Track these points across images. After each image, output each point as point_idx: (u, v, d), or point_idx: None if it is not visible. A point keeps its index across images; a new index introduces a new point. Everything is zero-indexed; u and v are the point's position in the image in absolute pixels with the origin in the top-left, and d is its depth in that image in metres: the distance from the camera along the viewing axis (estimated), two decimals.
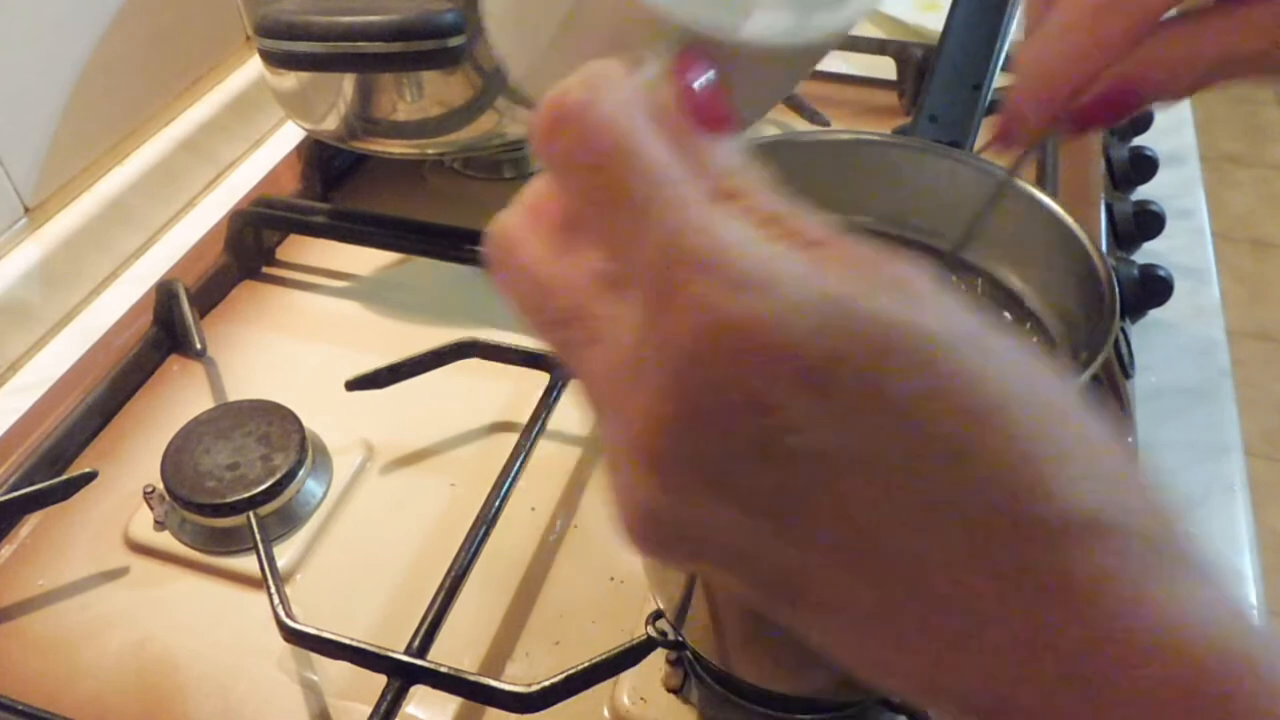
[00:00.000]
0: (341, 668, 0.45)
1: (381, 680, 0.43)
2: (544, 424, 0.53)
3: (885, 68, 0.80)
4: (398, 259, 0.69)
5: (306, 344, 0.64)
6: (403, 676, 0.43)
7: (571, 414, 0.57)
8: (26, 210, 0.65)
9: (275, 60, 0.61)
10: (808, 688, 0.39)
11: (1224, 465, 0.55)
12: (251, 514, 0.50)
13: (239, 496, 0.50)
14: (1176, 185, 0.73)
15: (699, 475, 0.19)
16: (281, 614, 0.45)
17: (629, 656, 0.43)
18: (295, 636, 0.45)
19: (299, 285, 0.69)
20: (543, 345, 0.22)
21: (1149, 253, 0.67)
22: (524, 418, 0.54)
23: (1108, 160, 0.70)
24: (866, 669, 0.20)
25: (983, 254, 0.38)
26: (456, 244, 0.64)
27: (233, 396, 0.60)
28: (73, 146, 0.68)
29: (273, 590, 0.46)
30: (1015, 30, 0.44)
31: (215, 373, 0.62)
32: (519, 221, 0.22)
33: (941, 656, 0.19)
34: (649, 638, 0.43)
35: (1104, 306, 0.31)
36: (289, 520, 0.52)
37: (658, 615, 0.42)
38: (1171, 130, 0.77)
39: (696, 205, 0.19)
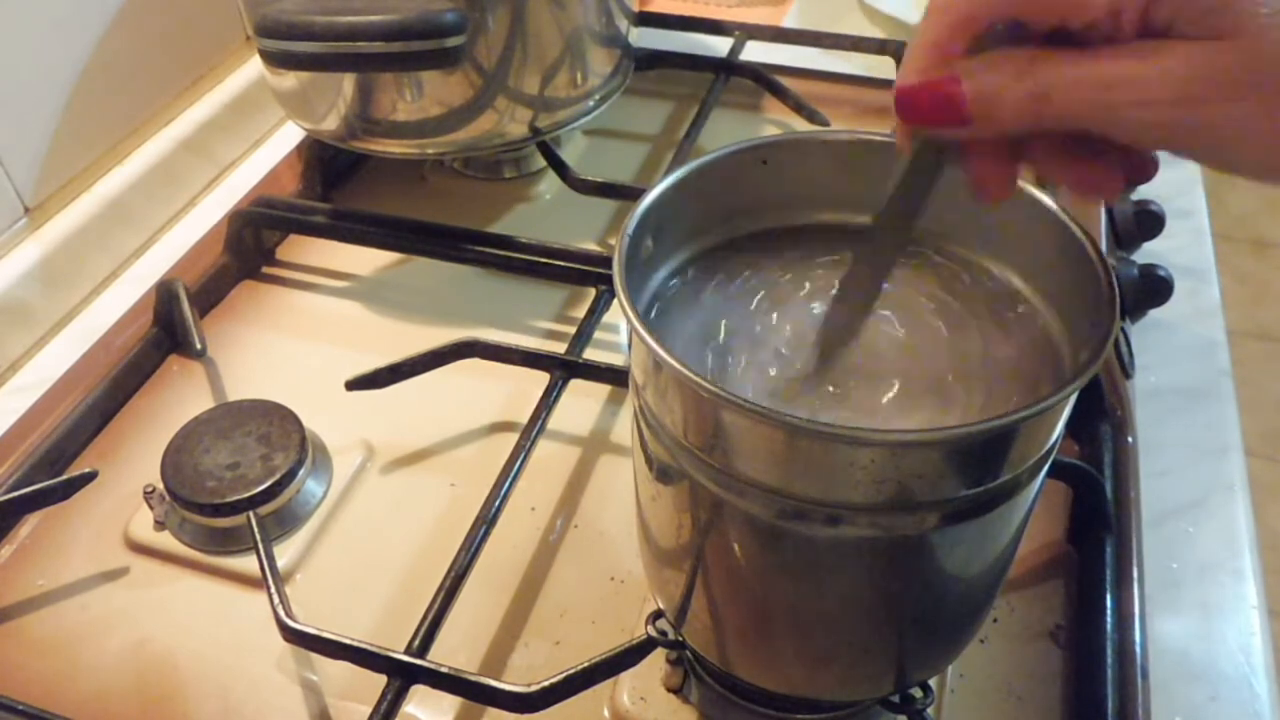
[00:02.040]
0: (341, 668, 0.45)
1: (381, 680, 0.43)
2: (544, 424, 0.53)
3: (885, 68, 0.80)
4: (398, 259, 0.69)
5: (306, 344, 0.64)
6: (403, 676, 0.43)
7: (571, 414, 0.57)
8: (26, 210, 0.65)
9: (275, 60, 0.61)
10: (807, 688, 0.39)
11: (1224, 465, 0.55)
12: (251, 514, 0.50)
13: (239, 496, 0.50)
14: (1176, 185, 0.73)
15: None
16: (281, 614, 0.45)
17: (629, 656, 0.43)
18: (295, 636, 0.45)
19: (299, 285, 0.69)
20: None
21: (1149, 253, 0.67)
22: (524, 418, 0.54)
23: None
24: None
25: (983, 253, 0.38)
26: (456, 244, 0.64)
27: (233, 396, 0.60)
28: (73, 146, 0.68)
29: (273, 590, 0.46)
30: None
31: (215, 373, 0.62)
32: None
33: None
34: (649, 638, 0.43)
35: (1104, 306, 0.31)
36: (289, 520, 0.52)
37: (658, 615, 0.42)
38: None
39: None
